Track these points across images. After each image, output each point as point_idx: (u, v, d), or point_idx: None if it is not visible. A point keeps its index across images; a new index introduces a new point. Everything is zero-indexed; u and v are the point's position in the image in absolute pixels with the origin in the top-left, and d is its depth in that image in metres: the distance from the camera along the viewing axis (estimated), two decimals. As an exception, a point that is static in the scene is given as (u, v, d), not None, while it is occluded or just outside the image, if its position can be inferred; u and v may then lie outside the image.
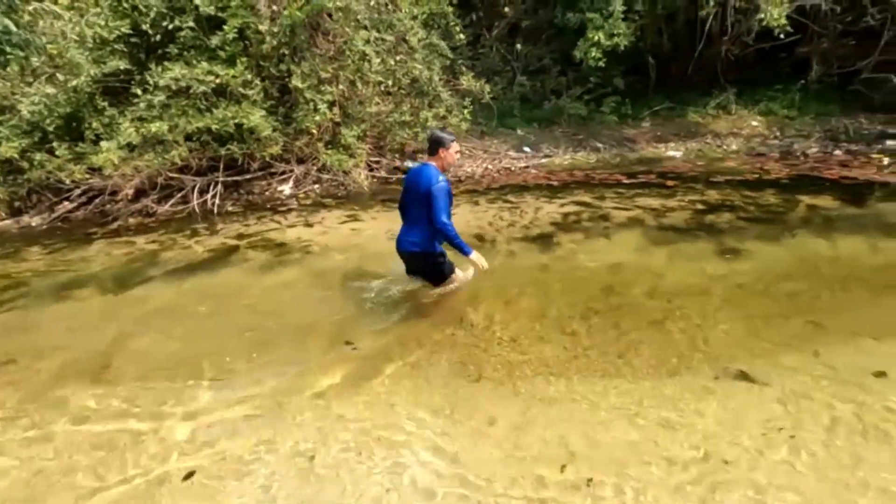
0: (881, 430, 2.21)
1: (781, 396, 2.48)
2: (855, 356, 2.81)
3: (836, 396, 2.46)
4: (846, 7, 7.86)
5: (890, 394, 2.44)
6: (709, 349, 2.92)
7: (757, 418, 2.33)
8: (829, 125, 8.35)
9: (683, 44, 8.86)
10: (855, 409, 2.37)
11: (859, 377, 2.58)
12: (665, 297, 3.54)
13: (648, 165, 7.43)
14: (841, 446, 2.14)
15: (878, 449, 2.12)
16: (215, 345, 3.20)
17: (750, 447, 2.15)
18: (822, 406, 2.40)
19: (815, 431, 2.24)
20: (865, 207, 5.39)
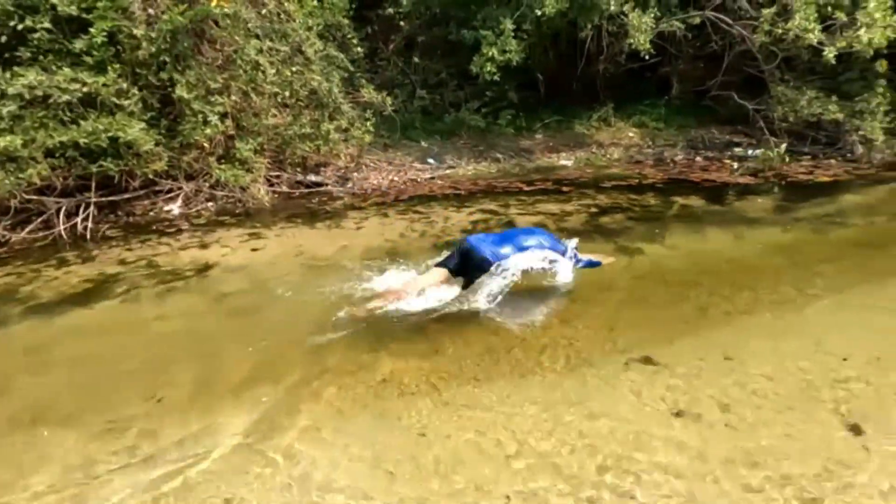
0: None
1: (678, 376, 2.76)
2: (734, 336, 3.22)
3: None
4: (696, 34, 9.08)
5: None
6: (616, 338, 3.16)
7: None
8: (689, 135, 9.55)
9: (567, 62, 9.63)
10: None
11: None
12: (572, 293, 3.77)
13: (545, 174, 7.92)
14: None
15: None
16: (94, 395, 2.79)
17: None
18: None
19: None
20: (725, 205, 6.25)
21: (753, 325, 3.37)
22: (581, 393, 2.68)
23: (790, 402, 2.56)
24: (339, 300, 3.62)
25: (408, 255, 4.62)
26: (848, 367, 2.83)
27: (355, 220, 5.78)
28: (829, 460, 2.17)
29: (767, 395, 2.62)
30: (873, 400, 2.57)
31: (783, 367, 2.85)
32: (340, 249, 4.89)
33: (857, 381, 2.70)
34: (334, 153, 7.00)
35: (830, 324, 3.34)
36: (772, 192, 6.70)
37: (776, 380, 2.74)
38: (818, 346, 3.04)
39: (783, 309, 3.55)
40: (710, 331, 3.32)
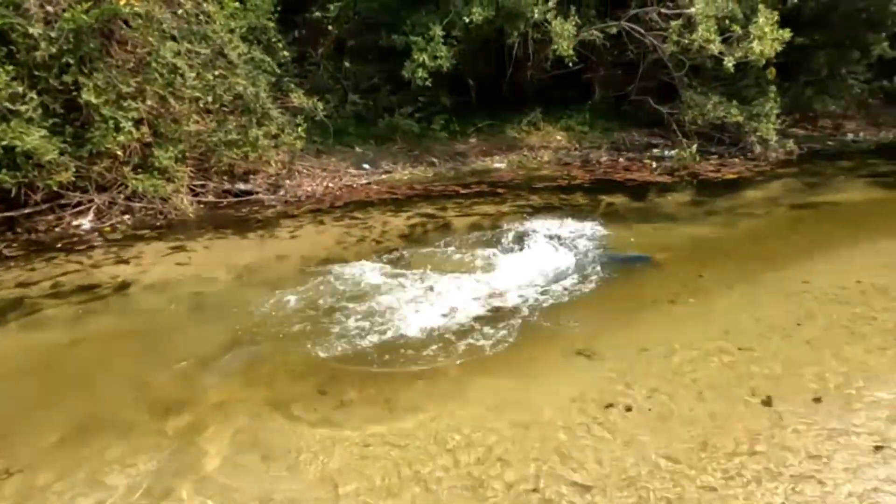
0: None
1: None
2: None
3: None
4: (614, 43, 9.66)
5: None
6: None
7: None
8: (612, 138, 10.13)
9: (497, 68, 9.90)
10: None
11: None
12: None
13: (480, 176, 8.07)
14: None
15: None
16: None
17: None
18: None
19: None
20: (647, 202, 6.67)
21: (677, 313, 3.62)
22: (522, 386, 2.75)
23: (710, 384, 2.77)
24: (272, 313, 3.48)
25: (346, 263, 4.54)
26: (760, 345, 3.11)
27: (289, 228, 5.59)
28: (745, 430, 2.38)
29: (690, 376, 2.83)
30: (781, 376, 2.84)
31: (704, 350, 3.09)
32: (274, 260, 4.71)
33: (766, 359, 2.98)
34: (264, 160, 6.74)
35: (742, 307, 3.65)
36: (687, 189, 7.24)
37: (696, 363, 2.96)
38: (732, 328, 3.32)
39: (702, 296, 3.84)
40: (638, 322, 3.53)
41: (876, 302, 3.59)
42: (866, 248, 4.70)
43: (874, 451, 2.24)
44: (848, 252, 4.62)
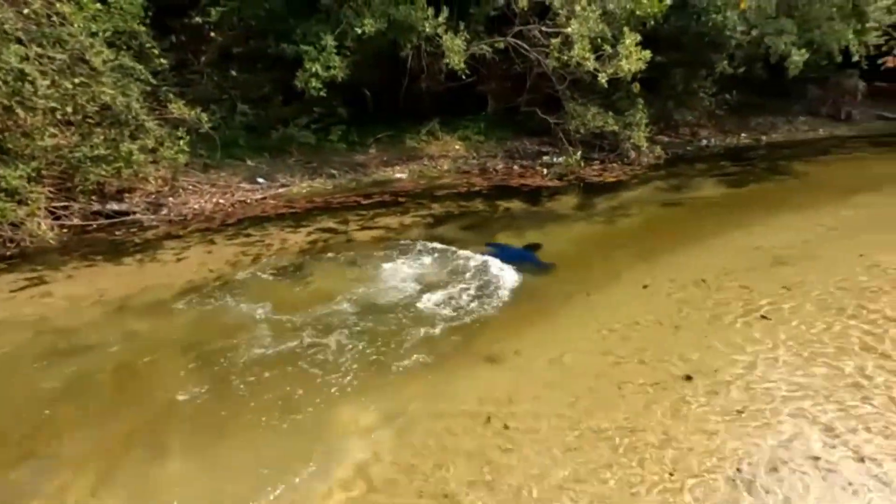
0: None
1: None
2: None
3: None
4: (503, 58, 10.20)
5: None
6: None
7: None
8: (507, 146, 10.67)
9: (393, 79, 9.97)
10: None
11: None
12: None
13: (381, 187, 8.06)
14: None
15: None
16: None
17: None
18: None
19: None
20: (540, 206, 7.10)
21: (575, 305, 3.90)
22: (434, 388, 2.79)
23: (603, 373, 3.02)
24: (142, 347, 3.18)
25: (242, 285, 4.28)
26: (656, 331, 3.45)
27: (174, 250, 5.14)
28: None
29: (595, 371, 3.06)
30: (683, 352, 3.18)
31: (602, 346, 3.35)
32: (157, 287, 4.29)
33: (666, 342, 3.32)
34: (140, 177, 6.15)
35: (624, 300, 4.03)
36: (574, 192, 7.83)
37: (597, 362, 3.21)
38: (624, 318, 3.65)
39: (598, 290, 4.17)
40: (544, 316, 3.74)
41: (727, 288, 4.15)
42: (719, 238, 5.42)
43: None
44: (708, 242, 5.30)
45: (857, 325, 3.35)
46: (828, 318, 3.48)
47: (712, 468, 2.27)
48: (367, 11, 7.72)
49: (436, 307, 3.84)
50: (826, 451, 2.31)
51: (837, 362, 2.98)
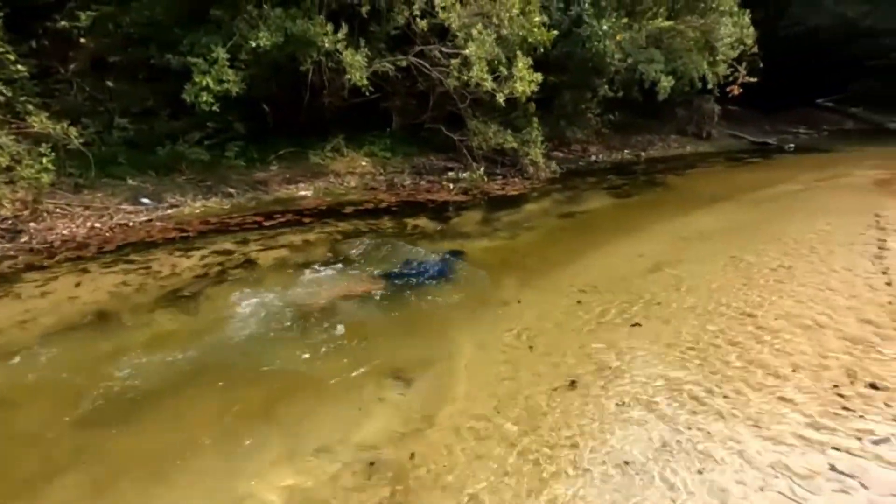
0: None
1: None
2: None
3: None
4: (406, 76, 10.35)
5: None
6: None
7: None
8: (413, 162, 10.79)
9: (294, 93, 9.68)
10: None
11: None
12: (325, 318, 3.77)
13: (284, 205, 7.74)
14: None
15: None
16: None
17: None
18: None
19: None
20: (447, 221, 7.25)
21: (477, 320, 4.00)
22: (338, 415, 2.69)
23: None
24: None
25: (122, 318, 3.85)
26: (558, 341, 3.64)
27: (37, 283, 4.50)
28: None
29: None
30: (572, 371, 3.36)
31: (502, 364, 3.47)
32: (11, 328, 3.72)
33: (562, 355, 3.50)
34: (-8, 200, 5.33)
35: (528, 307, 4.23)
36: (479, 207, 8.11)
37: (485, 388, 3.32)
38: (527, 328, 3.82)
39: (504, 304, 4.33)
40: (445, 328, 3.79)
41: (619, 291, 4.53)
42: (609, 246, 5.91)
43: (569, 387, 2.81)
44: (601, 250, 5.76)
45: (731, 320, 3.82)
46: (704, 316, 3.92)
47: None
48: (262, 24, 7.45)
49: (334, 327, 3.74)
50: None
51: (712, 356, 3.37)
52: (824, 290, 4.22)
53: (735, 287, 4.43)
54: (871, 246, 5.36)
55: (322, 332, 3.70)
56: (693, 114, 16.26)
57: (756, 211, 7.61)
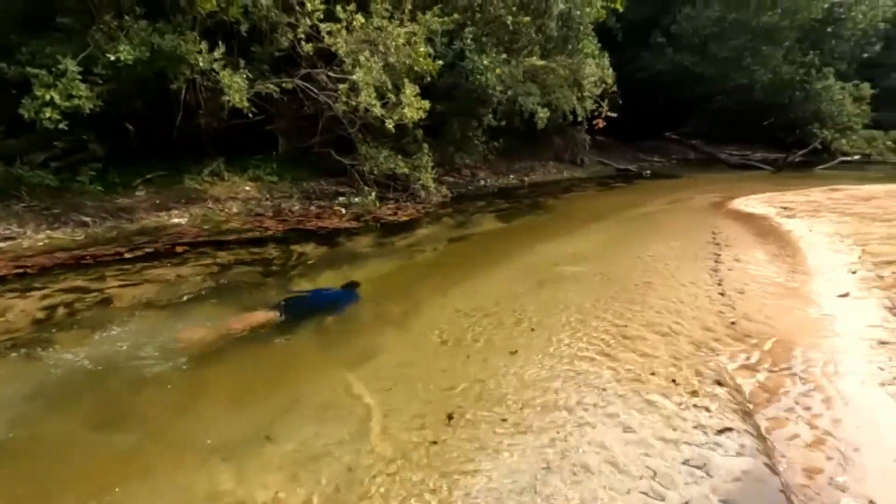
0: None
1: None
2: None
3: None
4: (292, 98, 10.03)
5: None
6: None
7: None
8: (303, 187, 10.43)
9: (165, 112, 8.86)
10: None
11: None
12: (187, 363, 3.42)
13: (153, 235, 6.99)
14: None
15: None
16: None
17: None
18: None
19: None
20: (338, 247, 7.07)
21: (378, 344, 3.92)
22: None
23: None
24: None
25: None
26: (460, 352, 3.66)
27: None
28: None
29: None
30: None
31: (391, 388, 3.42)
32: None
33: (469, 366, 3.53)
34: None
35: (423, 330, 4.24)
36: (372, 232, 8.05)
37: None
38: (431, 340, 3.81)
39: (398, 326, 4.29)
40: (331, 365, 3.65)
41: (506, 310, 4.74)
42: (498, 267, 6.19)
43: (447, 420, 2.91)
44: (489, 271, 6.00)
45: (607, 328, 4.17)
46: (581, 330, 4.24)
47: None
48: (122, 37, 6.78)
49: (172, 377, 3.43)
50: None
51: (588, 364, 3.64)
52: (676, 302, 4.82)
53: (607, 301, 4.88)
54: (709, 260, 6.27)
55: (161, 385, 3.35)
56: (568, 142, 17.90)
57: (622, 231, 8.53)
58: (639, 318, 4.46)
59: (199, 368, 3.51)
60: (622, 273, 5.78)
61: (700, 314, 4.49)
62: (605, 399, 3.20)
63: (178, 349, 3.67)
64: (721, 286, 5.20)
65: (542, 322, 4.39)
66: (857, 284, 5.02)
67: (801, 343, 3.84)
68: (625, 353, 3.80)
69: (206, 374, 3.47)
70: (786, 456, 2.63)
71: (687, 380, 3.40)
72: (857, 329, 3.99)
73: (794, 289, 5.12)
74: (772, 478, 2.48)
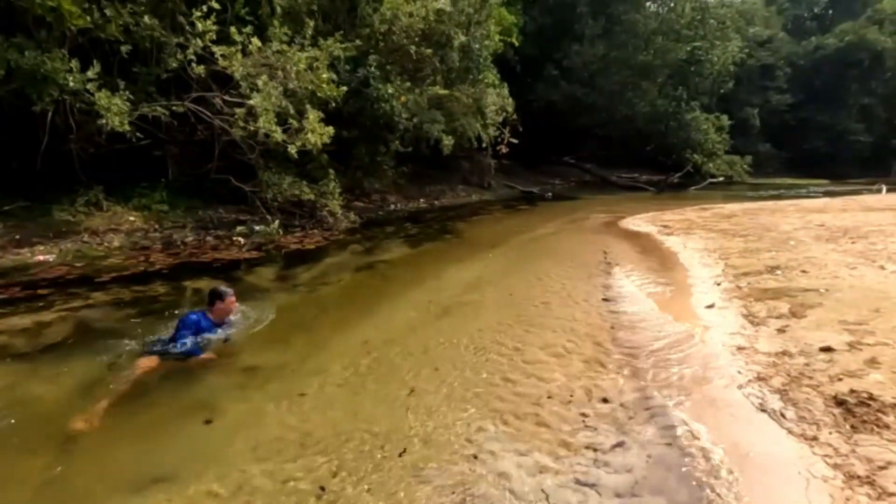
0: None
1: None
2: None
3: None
4: (183, 122, 9.40)
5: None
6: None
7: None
8: (198, 216, 9.74)
9: (27, 136, 7.86)
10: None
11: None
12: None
13: (10, 276, 6.10)
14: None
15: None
16: None
17: None
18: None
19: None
20: (236, 281, 6.64)
21: (277, 377, 3.68)
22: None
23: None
24: None
25: None
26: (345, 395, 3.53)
27: None
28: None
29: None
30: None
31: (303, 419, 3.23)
32: None
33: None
34: None
35: (322, 368, 4.08)
36: (274, 263, 7.68)
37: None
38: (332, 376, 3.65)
39: (295, 367, 4.07)
40: (226, 402, 3.38)
41: (414, 344, 4.73)
42: (402, 297, 6.18)
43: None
44: (395, 300, 5.96)
45: (505, 356, 4.30)
46: (483, 355, 4.33)
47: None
48: (-32, 52, 5.96)
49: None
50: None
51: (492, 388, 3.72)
52: (571, 321, 5.12)
53: (509, 324, 5.05)
54: (601, 277, 6.78)
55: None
56: (475, 167, 18.60)
57: (524, 253, 8.95)
58: (538, 339, 4.66)
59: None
60: (523, 294, 6.04)
61: (592, 331, 4.81)
62: (504, 422, 3.29)
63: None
64: (609, 302, 5.63)
65: (442, 354, 4.42)
66: (721, 295, 5.69)
67: (674, 353, 4.25)
68: (523, 377, 3.93)
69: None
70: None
71: (578, 399, 3.59)
72: (721, 337, 4.50)
73: (670, 301, 5.68)
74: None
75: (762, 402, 3.36)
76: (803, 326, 4.52)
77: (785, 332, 4.45)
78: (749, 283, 6.03)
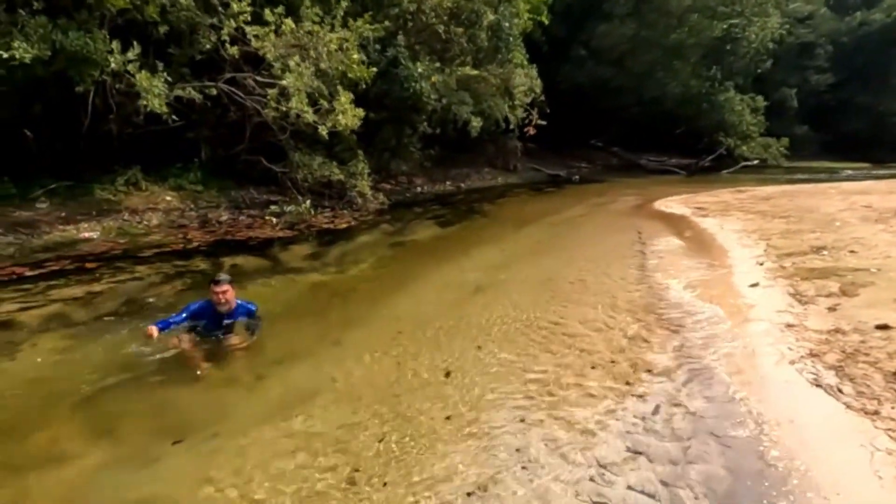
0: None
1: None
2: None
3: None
4: (216, 104, 9.50)
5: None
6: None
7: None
8: (231, 196, 9.89)
9: (69, 118, 8.08)
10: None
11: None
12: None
13: (60, 251, 6.33)
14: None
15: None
16: None
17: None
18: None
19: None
20: (271, 259, 6.75)
21: (309, 361, 3.75)
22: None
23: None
24: None
25: None
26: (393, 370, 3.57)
27: None
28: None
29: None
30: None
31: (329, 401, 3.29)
32: None
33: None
34: None
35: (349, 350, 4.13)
36: (307, 241, 7.77)
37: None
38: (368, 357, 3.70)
39: (337, 341, 4.13)
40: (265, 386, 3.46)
41: (448, 318, 4.74)
42: (436, 274, 6.19)
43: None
44: (430, 279, 5.97)
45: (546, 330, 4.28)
46: (521, 330, 4.32)
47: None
48: (17, 32, 6.12)
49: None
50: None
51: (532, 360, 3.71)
52: (609, 297, 5.05)
53: (545, 301, 5.02)
54: (636, 257, 6.65)
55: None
56: (500, 150, 18.36)
57: (554, 233, 8.85)
58: (577, 314, 4.62)
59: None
60: (557, 273, 5.97)
61: (631, 307, 4.74)
62: (550, 393, 3.28)
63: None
64: (647, 281, 5.52)
65: (483, 330, 4.42)
66: (764, 275, 5.52)
67: (719, 330, 4.15)
68: (566, 349, 3.91)
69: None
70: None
71: (623, 371, 3.55)
72: (767, 314, 4.37)
73: (711, 280, 5.54)
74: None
75: (816, 378, 3.26)
76: (855, 305, 4.35)
77: (836, 310, 4.29)
78: (794, 262, 5.83)
